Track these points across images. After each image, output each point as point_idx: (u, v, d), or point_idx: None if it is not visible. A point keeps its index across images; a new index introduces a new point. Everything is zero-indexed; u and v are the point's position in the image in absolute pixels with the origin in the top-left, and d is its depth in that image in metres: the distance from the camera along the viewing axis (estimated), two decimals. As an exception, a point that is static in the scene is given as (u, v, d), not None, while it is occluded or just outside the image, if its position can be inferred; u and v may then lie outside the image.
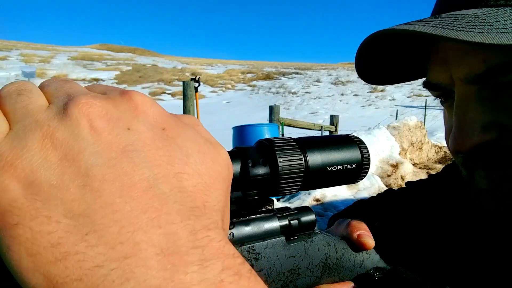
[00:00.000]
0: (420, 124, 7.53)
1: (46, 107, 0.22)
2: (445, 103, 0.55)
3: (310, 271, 0.39)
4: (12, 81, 1.80)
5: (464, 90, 0.47)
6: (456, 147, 0.48)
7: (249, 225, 0.35)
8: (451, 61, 0.48)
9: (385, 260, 0.46)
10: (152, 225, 0.20)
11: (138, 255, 0.19)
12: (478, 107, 0.46)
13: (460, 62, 0.46)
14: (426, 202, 0.68)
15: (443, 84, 0.51)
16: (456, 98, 0.49)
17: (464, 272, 0.54)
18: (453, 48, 0.47)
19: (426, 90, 0.55)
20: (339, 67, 46.83)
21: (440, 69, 0.50)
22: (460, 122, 0.48)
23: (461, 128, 0.47)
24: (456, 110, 0.48)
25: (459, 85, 0.48)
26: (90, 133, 0.21)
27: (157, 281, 0.19)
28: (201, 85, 5.57)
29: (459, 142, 0.48)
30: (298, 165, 0.35)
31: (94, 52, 54.58)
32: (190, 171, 0.23)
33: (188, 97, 5.21)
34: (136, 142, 0.22)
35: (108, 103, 0.23)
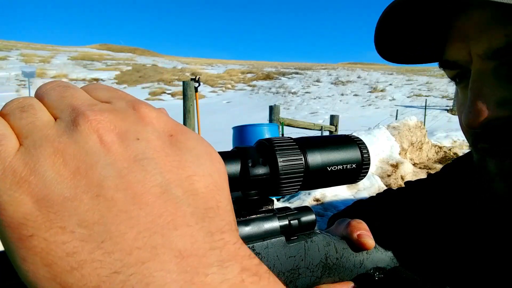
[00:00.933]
0: (420, 124, 7.53)
1: (53, 123, 0.22)
2: (460, 83, 0.54)
3: (310, 271, 0.39)
4: (12, 81, 1.79)
5: (482, 66, 0.47)
6: (469, 122, 0.48)
7: (249, 225, 0.35)
8: (471, 36, 0.47)
9: (396, 257, 0.46)
10: (168, 228, 0.20)
11: (156, 259, 0.19)
12: (494, 83, 0.46)
13: (481, 36, 0.46)
14: (425, 202, 0.68)
15: (461, 61, 0.50)
16: (472, 74, 0.48)
17: (464, 272, 0.54)
18: (474, 24, 0.47)
19: (426, 90, 0.55)
20: (339, 67, 46.83)
21: (458, 46, 0.50)
22: (475, 96, 0.47)
23: (476, 103, 0.47)
24: (471, 85, 0.48)
25: (477, 61, 0.47)
26: (100, 147, 0.21)
27: (178, 284, 0.19)
28: (201, 85, 5.57)
29: (473, 116, 0.47)
30: (298, 165, 0.35)
31: (94, 52, 54.57)
32: (201, 172, 0.24)
33: (188, 97, 5.21)
34: (146, 151, 0.22)
35: (116, 116, 0.23)
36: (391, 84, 32.34)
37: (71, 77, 36.32)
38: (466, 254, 0.56)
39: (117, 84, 35.47)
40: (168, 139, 0.24)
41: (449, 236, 0.59)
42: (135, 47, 65.41)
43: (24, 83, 28.01)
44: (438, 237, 0.61)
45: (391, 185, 5.41)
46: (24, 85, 28.32)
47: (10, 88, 29.95)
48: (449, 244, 0.59)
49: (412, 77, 34.06)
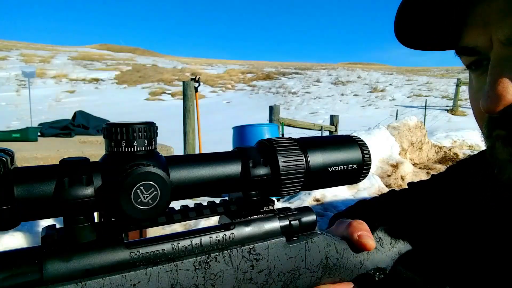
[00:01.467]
0: (420, 124, 7.52)
1: None
2: (476, 71, 0.54)
3: (310, 271, 0.38)
4: (12, 81, 1.77)
5: (503, 52, 0.47)
6: (489, 106, 0.48)
7: (249, 226, 0.35)
8: (492, 22, 0.48)
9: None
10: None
11: None
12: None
13: (503, 22, 0.46)
14: (428, 203, 0.68)
15: (480, 47, 0.51)
16: (492, 60, 0.49)
17: (465, 272, 0.54)
18: (496, 10, 0.47)
19: (426, 90, 0.55)
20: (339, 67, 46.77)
21: (478, 32, 0.50)
22: (496, 81, 0.47)
23: (496, 87, 0.47)
24: (491, 71, 0.48)
25: (497, 48, 0.48)
26: None
27: None
28: (201, 85, 5.57)
29: (492, 101, 0.47)
30: (299, 165, 0.35)
31: (94, 52, 54.49)
32: None
33: (188, 97, 5.21)
34: None
35: None
36: (391, 84, 32.30)
37: (71, 77, 36.26)
38: (467, 254, 0.56)
39: (117, 84, 35.43)
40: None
41: (451, 237, 0.59)
42: (135, 47, 65.32)
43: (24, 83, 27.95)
44: (440, 238, 0.60)
45: (391, 185, 5.40)
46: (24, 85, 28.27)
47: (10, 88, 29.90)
48: (451, 244, 0.59)
49: (412, 77, 34.02)
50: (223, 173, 0.33)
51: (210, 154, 0.34)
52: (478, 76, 0.55)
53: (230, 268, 0.33)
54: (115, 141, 0.32)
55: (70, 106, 3.64)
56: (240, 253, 0.34)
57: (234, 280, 0.33)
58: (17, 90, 28.80)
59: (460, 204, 0.61)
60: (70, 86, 34.90)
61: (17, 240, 2.42)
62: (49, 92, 30.36)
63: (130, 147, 0.32)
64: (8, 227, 0.28)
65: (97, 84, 36.33)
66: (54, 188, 0.29)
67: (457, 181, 0.65)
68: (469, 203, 0.58)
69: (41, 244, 0.30)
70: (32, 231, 2.53)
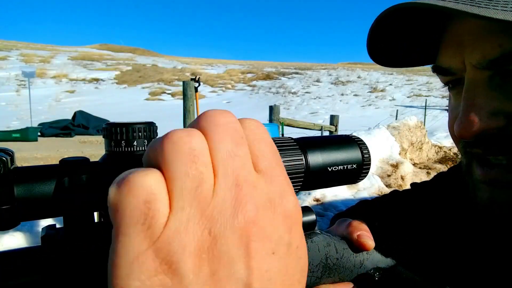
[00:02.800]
0: (420, 124, 7.52)
1: (212, 191, 0.20)
2: (453, 89, 0.54)
3: (310, 271, 0.39)
4: (12, 81, 1.76)
5: (475, 75, 0.46)
6: (461, 132, 0.48)
7: (249, 226, 0.35)
8: (465, 44, 0.47)
9: (387, 256, 0.46)
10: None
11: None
12: (488, 93, 0.46)
13: (475, 46, 0.45)
14: (428, 204, 0.68)
15: (454, 69, 0.50)
16: (466, 83, 0.48)
17: (466, 272, 0.54)
18: (469, 32, 0.46)
19: (426, 90, 0.55)
20: (339, 67, 46.81)
21: (452, 53, 0.49)
22: (468, 106, 0.47)
23: (468, 113, 0.46)
24: (465, 95, 0.48)
25: (470, 71, 0.47)
26: (245, 259, 0.20)
27: None
28: (201, 85, 5.57)
29: (465, 127, 0.47)
30: (299, 165, 0.35)
31: (94, 52, 54.56)
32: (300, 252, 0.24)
33: (188, 97, 5.21)
34: (303, 262, 0.24)
35: (266, 216, 0.22)
36: (391, 84, 32.33)
37: (71, 77, 36.28)
38: (467, 254, 0.56)
39: (117, 84, 35.44)
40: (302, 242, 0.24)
41: (452, 237, 0.59)
42: (135, 47, 65.41)
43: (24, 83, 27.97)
44: (441, 238, 0.60)
45: (391, 185, 5.41)
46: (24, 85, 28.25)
47: (10, 88, 29.91)
48: (451, 244, 0.59)
49: (412, 77, 34.05)
50: None
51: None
52: (455, 94, 0.54)
53: None
54: (115, 141, 0.32)
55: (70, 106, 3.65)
56: None
57: None
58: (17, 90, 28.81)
59: (462, 205, 0.61)
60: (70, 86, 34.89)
61: (17, 240, 2.42)
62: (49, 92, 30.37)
63: (130, 147, 0.32)
64: (8, 227, 0.28)
65: (97, 84, 36.31)
66: (54, 188, 0.29)
67: (459, 181, 0.65)
68: (471, 204, 0.58)
69: (41, 244, 0.30)
70: (32, 231, 2.53)
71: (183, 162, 0.20)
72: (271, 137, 0.26)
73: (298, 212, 0.23)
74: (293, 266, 0.22)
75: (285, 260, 0.22)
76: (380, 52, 0.57)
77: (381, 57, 0.58)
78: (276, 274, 0.21)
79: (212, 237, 0.19)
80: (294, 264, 0.23)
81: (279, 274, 0.21)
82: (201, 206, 0.19)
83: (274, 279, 0.21)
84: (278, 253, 0.21)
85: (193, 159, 0.20)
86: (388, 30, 0.53)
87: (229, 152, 0.21)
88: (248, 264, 0.20)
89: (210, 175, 0.20)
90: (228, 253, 0.19)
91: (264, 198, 0.22)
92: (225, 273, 0.19)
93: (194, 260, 0.19)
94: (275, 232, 0.21)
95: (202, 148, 0.21)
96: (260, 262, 0.20)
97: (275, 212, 0.22)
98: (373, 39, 0.54)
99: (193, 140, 0.20)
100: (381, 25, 0.51)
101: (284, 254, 0.22)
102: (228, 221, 0.20)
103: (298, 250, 0.23)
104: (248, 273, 0.20)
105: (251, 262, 0.20)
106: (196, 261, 0.19)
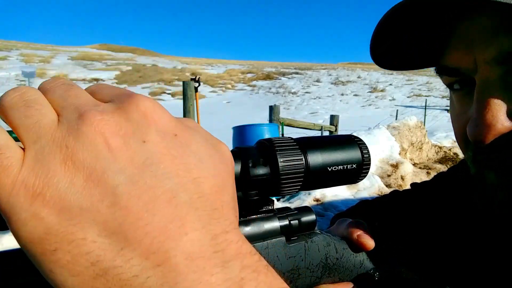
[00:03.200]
0: (420, 124, 7.52)
1: (56, 122, 0.22)
2: (460, 91, 0.51)
3: (310, 271, 0.39)
4: (12, 81, 1.77)
5: (488, 74, 0.44)
6: (477, 137, 0.45)
7: (249, 225, 0.35)
8: (477, 42, 0.45)
9: (377, 260, 0.46)
10: (180, 233, 0.21)
11: (169, 262, 0.21)
12: (503, 94, 0.44)
13: (488, 42, 0.43)
14: (431, 203, 0.68)
15: (464, 68, 0.47)
16: (478, 85, 0.45)
17: (466, 272, 0.54)
18: (480, 30, 0.44)
19: (426, 90, 0.55)
20: (339, 67, 46.81)
21: (461, 52, 0.47)
22: (483, 109, 0.44)
23: (484, 115, 0.44)
24: (478, 96, 0.45)
25: (483, 69, 0.45)
26: (108, 152, 0.21)
27: (187, 283, 0.21)
28: (201, 85, 5.57)
29: (482, 131, 0.44)
30: (299, 165, 0.35)
31: (94, 52, 54.56)
32: (205, 174, 0.24)
33: (188, 97, 5.21)
34: (154, 155, 0.23)
35: (120, 116, 0.23)
36: (391, 84, 32.34)
37: (71, 77, 36.28)
38: (468, 254, 0.56)
39: (117, 84, 35.44)
40: (174, 139, 0.24)
41: (452, 237, 0.59)
42: (135, 47, 65.43)
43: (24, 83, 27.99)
44: (441, 238, 0.60)
45: (391, 185, 5.41)
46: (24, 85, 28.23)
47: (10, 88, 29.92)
48: (452, 244, 0.59)
49: (412, 77, 34.04)
50: None
51: (210, 154, 0.34)
52: (461, 97, 0.51)
53: None
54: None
55: (70, 106, 3.61)
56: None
57: None
58: (17, 90, 28.79)
59: (462, 205, 0.61)
60: (70, 86, 34.85)
61: (17, 240, 2.42)
62: (49, 92, 30.35)
63: None
64: (8, 227, 0.28)
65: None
66: None
67: (458, 181, 0.65)
68: (471, 204, 0.58)
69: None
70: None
71: (19, 110, 0.22)
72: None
73: (153, 108, 0.24)
74: (177, 149, 0.24)
75: (157, 147, 0.23)
76: (382, 54, 0.56)
77: (383, 60, 0.57)
78: (155, 158, 0.22)
79: (70, 150, 0.21)
80: (176, 147, 0.24)
81: (160, 157, 0.23)
82: (51, 133, 0.21)
83: (153, 163, 0.22)
84: (146, 142, 0.23)
85: (27, 104, 0.22)
86: (393, 30, 0.51)
87: (63, 92, 0.24)
88: (114, 156, 0.21)
89: (49, 111, 0.22)
90: (89, 155, 0.21)
91: (112, 107, 0.23)
92: (98, 172, 0.21)
93: (65, 173, 0.20)
94: (129, 127, 0.23)
95: (37, 96, 0.23)
96: (125, 151, 0.22)
97: (123, 112, 0.23)
98: (377, 38, 0.52)
99: (26, 93, 0.23)
100: (388, 22, 0.50)
101: (154, 143, 0.23)
102: (77, 131, 0.21)
103: (177, 137, 0.24)
104: (116, 164, 0.21)
105: (114, 153, 0.21)
106: (66, 173, 0.20)
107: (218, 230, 0.23)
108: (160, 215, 0.21)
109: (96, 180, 0.21)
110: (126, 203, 0.21)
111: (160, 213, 0.21)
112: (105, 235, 0.20)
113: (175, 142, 0.24)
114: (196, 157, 0.24)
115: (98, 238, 0.20)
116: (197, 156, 0.24)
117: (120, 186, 0.21)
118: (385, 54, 0.56)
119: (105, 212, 0.20)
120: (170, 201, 0.22)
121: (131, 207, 0.21)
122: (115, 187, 0.21)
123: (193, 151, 0.24)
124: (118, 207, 0.21)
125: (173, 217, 0.22)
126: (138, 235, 0.21)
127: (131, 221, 0.21)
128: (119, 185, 0.21)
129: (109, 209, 0.20)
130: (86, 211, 0.20)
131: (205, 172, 0.24)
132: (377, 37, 0.53)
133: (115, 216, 0.20)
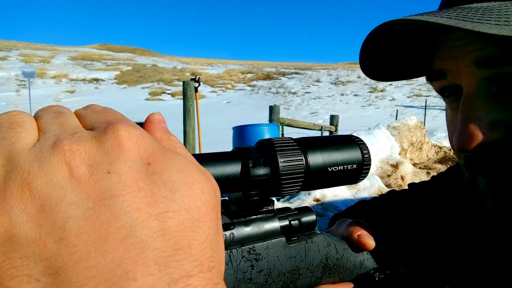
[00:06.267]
0: (420, 124, 7.52)
1: (31, 146, 0.21)
2: (449, 98, 0.53)
3: (310, 271, 0.39)
4: (12, 81, 1.79)
5: (471, 80, 0.46)
6: (461, 145, 0.47)
7: (249, 226, 0.35)
8: (459, 48, 0.46)
9: (379, 261, 0.46)
10: (127, 279, 0.19)
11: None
12: (486, 104, 0.45)
13: (469, 46, 0.45)
14: (428, 203, 0.68)
15: (448, 70, 0.49)
16: (463, 95, 0.47)
17: (465, 273, 0.54)
18: (462, 37, 0.46)
19: (426, 90, 0.55)
20: (339, 67, 46.81)
21: (447, 60, 0.49)
22: (467, 119, 0.46)
23: (467, 125, 0.46)
24: (462, 107, 0.47)
25: (465, 72, 0.46)
26: (69, 181, 0.20)
27: None
28: (201, 85, 5.57)
29: (465, 140, 0.46)
30: (299, 165, 0.35)
31: (94, 52, 54.55)
32: (176, 207, 0.22)
33: (188, 97, 5.21)
34: (116, 186, 0.21)
35: (93, 145, 0.22)
36: (391, 84, 32.31)
37: (71, 77, 36.30)
38: (467, 255, 0.56)
39: (117, 84, 35.44)
40: (144, 169, 0.22)
41: (451, 237, 0.59)
42: (135, 47, 65.45)
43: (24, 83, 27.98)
44: (440, 238, 0.60)
45: (391, 185, 5.41)
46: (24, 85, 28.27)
47: (10, 88, 29.92)
48: (451, 244, 0.59)
49: (412, 77, 33.93)
50: (223, 173, 0.33)
51: (210, 154, 0.34)
52: (451, 103, 0.53)
53: (230, 268, 0.33)
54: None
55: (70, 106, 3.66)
56: (239, 253, 0.34)
57: (233, 280, 0.33)
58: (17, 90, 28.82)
59: (459, 205, 0.61)
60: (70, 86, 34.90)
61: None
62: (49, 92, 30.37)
63: None
64: None
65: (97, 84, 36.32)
66: None
67: (457, 181, 0.65)
68: (468, 204, 0.58)
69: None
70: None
71: (1, 130, 0.22)
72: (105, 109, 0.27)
73: (128, 136, 0.23)
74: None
75: (121, 177, 0.21)
76: (373, 68, 0.57)
77: (374, 73, 0.58)
78: (116, 190, 0.21)
79: (31, 176, 0.20)
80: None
81: (121, 189, 0.21)
82: (20, 157, 0.20)
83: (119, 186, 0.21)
84: (111, 173, 0.21)
85: (11, 125, 0.22)
86: (380, 46, 0.52)
87: (51, 118, 0.24)
88: (74, 187, 0.20)
89: (29, 135, 0.22)
90: (47, 183, 0.20)
91: (89, 136, 0.22)
92: (52, 202, 0.19)
93: (20, 200, 0.19)
94: (97, 157, 0.21)
95: (24, 119, 0.23)
96: (86, 182, 0.20)
97: (97, 141, 0.22)
98: (365, 56, 0.54)
99: (15, 115, 0.23)
100: (372, 41, 0.51)
101: (119, 173, 0.21)
102: (44, 158, 0.20)
103: (149, 167, 0.23)
104: (73, 195, 0.20)
105: (76, 184, 0.20)
106: (22, 199, 0.19)
107: (178, 274, 0.20)
108: (108, 257, 0.19)
109: (48, 210, 0.19)
110: (74, 240, 0.19)
111: (109, 255, 0.19)
112: (49, 273, 0.18)
113: (144, 173, 0.22)
114: (168, 188, 0.22)
115: (42, 277, 0.18)
116: (170, 186, 0.22)
117: (71, 219, 0.19)
118: (376, 67, 0.57)
119: (51, 247, 0.18)
120: (123, 240, 0.19)
121: (78, 244, 0.19)
122: (66, 220, 0.19)
123: (165, 181, 0.22)
124: (65, 243, 0.19)
125: (122, 259, 0.19)
126: (80, 279, 0.18)
127: (76, 261, 0.18)
128: (70, 218, 0.19)
129: (56, 245, 0.18)
130: (33, 244, 0.18)
131: (175, 206, 0.22)
132: (364, 55, 0.54)
133: (60, 253, 0.18)
